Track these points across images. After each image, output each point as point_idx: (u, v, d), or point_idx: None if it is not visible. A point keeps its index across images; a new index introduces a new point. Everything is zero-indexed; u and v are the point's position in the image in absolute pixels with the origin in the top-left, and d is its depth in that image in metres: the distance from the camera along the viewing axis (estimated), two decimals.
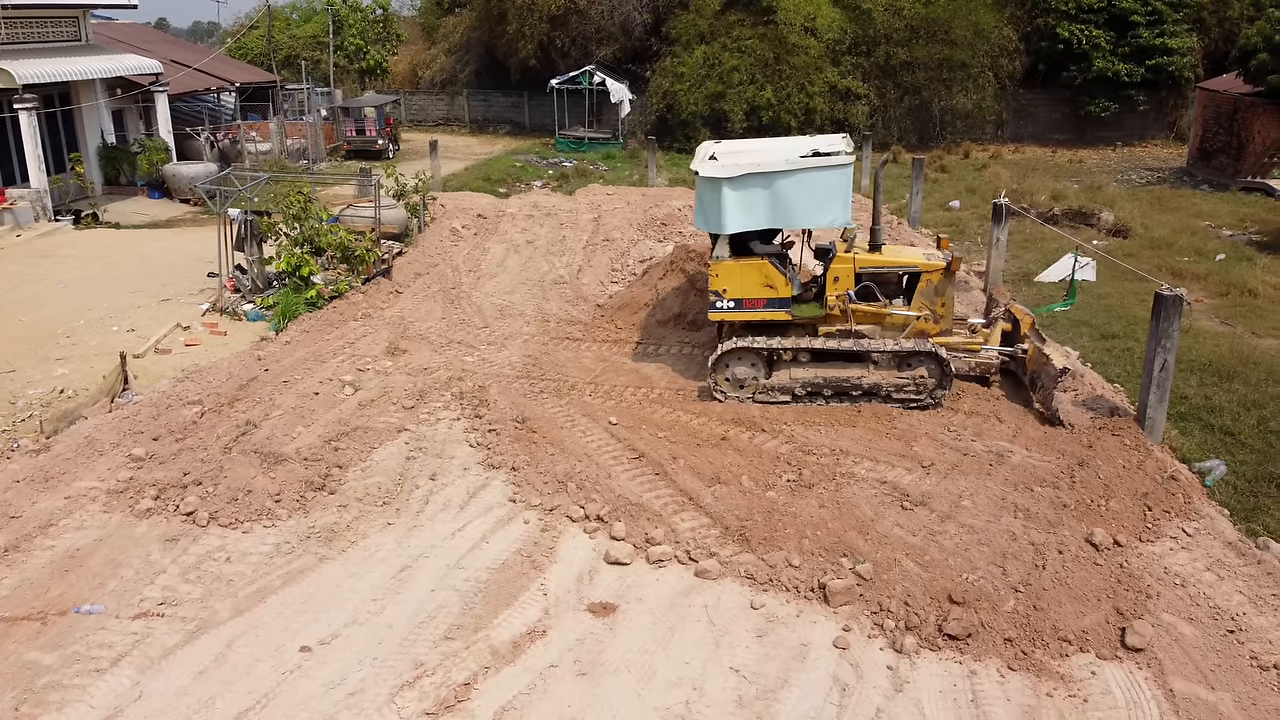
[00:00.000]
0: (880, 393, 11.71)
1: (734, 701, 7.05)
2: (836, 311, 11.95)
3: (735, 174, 11.45)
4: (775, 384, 11.84)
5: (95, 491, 10.07)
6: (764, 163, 11.46)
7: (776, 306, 11.91)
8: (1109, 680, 7.30)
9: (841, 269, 11.89)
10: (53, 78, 23.17)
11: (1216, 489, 10.16)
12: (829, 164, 11.32)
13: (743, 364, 11.92)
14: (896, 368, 11.71)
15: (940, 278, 11.99)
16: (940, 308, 12.04)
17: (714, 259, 11.98)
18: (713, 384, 12.02)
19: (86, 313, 15.75)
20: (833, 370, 11.78)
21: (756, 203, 11.53)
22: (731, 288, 11.91)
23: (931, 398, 11.70)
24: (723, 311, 12.09)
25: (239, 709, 7.05)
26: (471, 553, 8.92)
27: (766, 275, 11.82)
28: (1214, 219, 23.48)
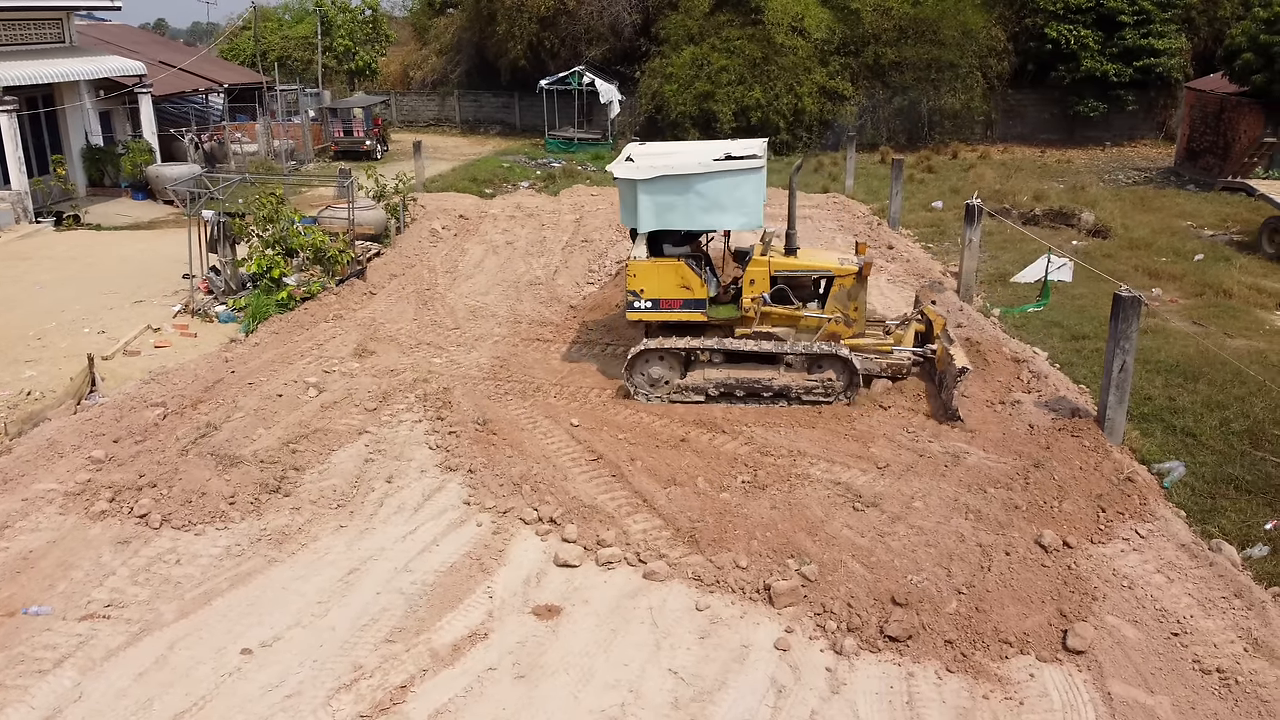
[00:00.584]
0: (790, 394, 11.86)
1: (669, 704, 7.06)
2: (752, 314, 12.11)
3: (649, 176, 11.59)
4: (689, 384, 12.01)
5: (53, 494, 10.07)
6: (678, 165, 11.65)
7: (692, 307, 12.09)
8: (1047, 683, 7.30)
9: (757, 272, 12.06)
10: (33, 80, 23.16)
11: (1174, 490, 10.16)
12: (742, 168, 11.52)
13: (659, 364, 12.08)
14: (806, 370, 11.89)
15: (853, 282, 12.17)
16: (853, 311, 12.25)
17: (632, 259, 12.18)
18: (629, 383, 12.13)
19: (59, 314, 15.76)
20: (745, 371, 11.94)
21: (671, 204, 11.71)
22: (649, 288, 12.08)
23: (842, 398, 11.87)
24: (640, 311, 12.26)
25: (176, 710, 7.05)
26: (421, 556, 8.92)
27: (683, 276, 11.99)
28: (1196, 219, 23.49)
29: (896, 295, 17.18)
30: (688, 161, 11.71)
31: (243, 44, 45.48)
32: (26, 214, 22.88)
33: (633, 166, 11.79)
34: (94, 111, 27.45)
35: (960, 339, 12.88)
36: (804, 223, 23.23)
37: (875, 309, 14.36)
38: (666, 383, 12.10)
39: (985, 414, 11.71)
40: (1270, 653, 7.56)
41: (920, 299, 14.02)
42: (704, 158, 11.76)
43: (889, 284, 17.94)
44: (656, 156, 12.14)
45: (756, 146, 12.03)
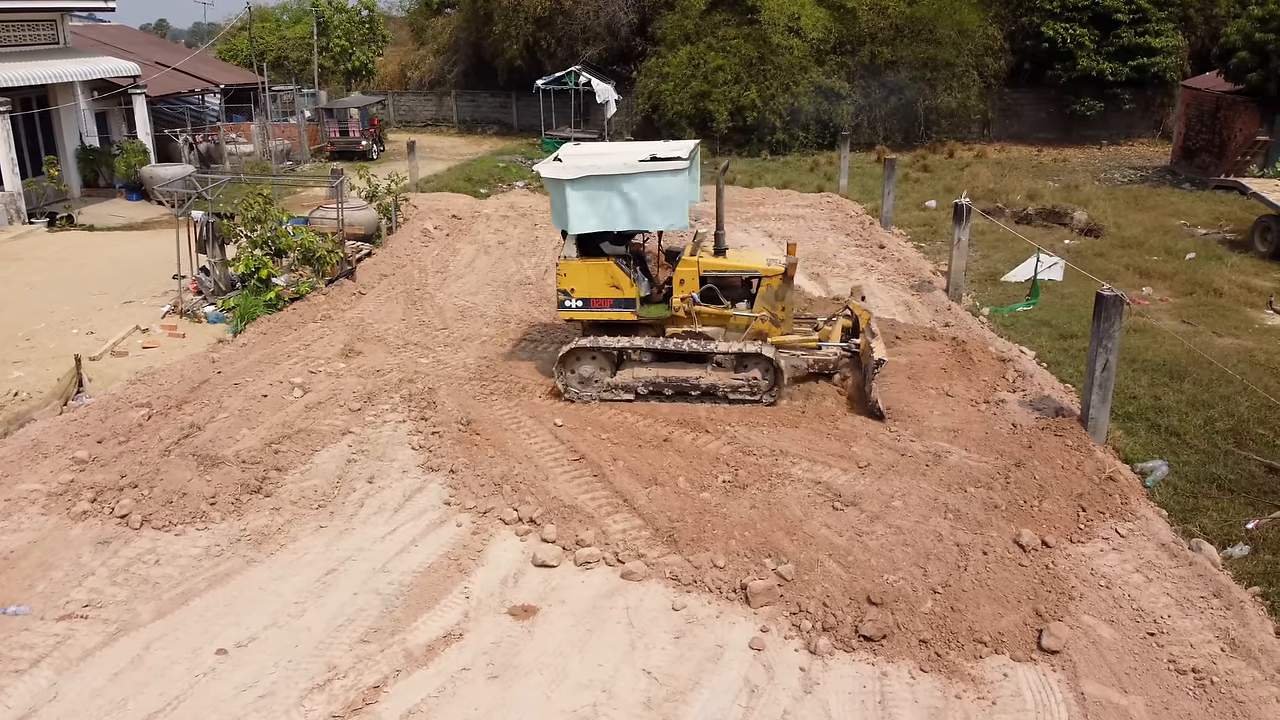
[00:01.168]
0: (717, 393, 11.92)
1: (641, 704, 7.06)
2: (682, 313, 12.19)
3: (576, 176, 11.66)
4: (619, 382, 12.09)
5: (36, 494, 10.09)
6: (604, 166, 11.72)
7: (622, 307, 12.20)
8: (1020, 683, 7.29)
9: (687, 272, 12.16)
10: (25, 81, 23.18)
11: (1157, 490, 10.15)
12: (666, 169, 11.58)
13: (590, 362, 12.17)
14: (733, 369, 11.96)
15: (780, 282, 12.25)
16: (780, 311, 12.33)
17: (562, 258, 12.29)
18: (560, 381, 12.23)
19: (49, 315, 15.78)
20: (673, 370, 12.02)
21: (598, 204, 11.77)
22: (579, 287, 12.20)
23: (767, 397, 11.93)
24: (571, 310, 12.36)
25: (149, 710, 7.06)
26: (399, 556, 8.93)
27: (613, 276, 12.09)
28: (1189, 218, 23.47)
29: (886, 295, 17.19)
30: (614, 162, 11.82)
31: (240, 44, 45.52)
32: (19, 215, 22.90)
33: (560, 167, 11.87)
34: (89, 112, 27.49)
35: (945, 336, 12.89)
36: (797, 222, 23.33)
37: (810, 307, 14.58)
38: (596, 381, 12.20)
39: (969, 413, 11.71)
40: (1247, 653, 7.54)
41: (854, 293, 14.22)
42: (631, 159, 11.85)
43: (879, 284, 17.96)
44: (585, 157, 12.24)
45: (683, 149, 12.13)
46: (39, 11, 25.68)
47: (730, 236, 18.28)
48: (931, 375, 12.76)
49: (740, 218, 23.67)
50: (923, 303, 16.69)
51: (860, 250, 20.54)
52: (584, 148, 13.30)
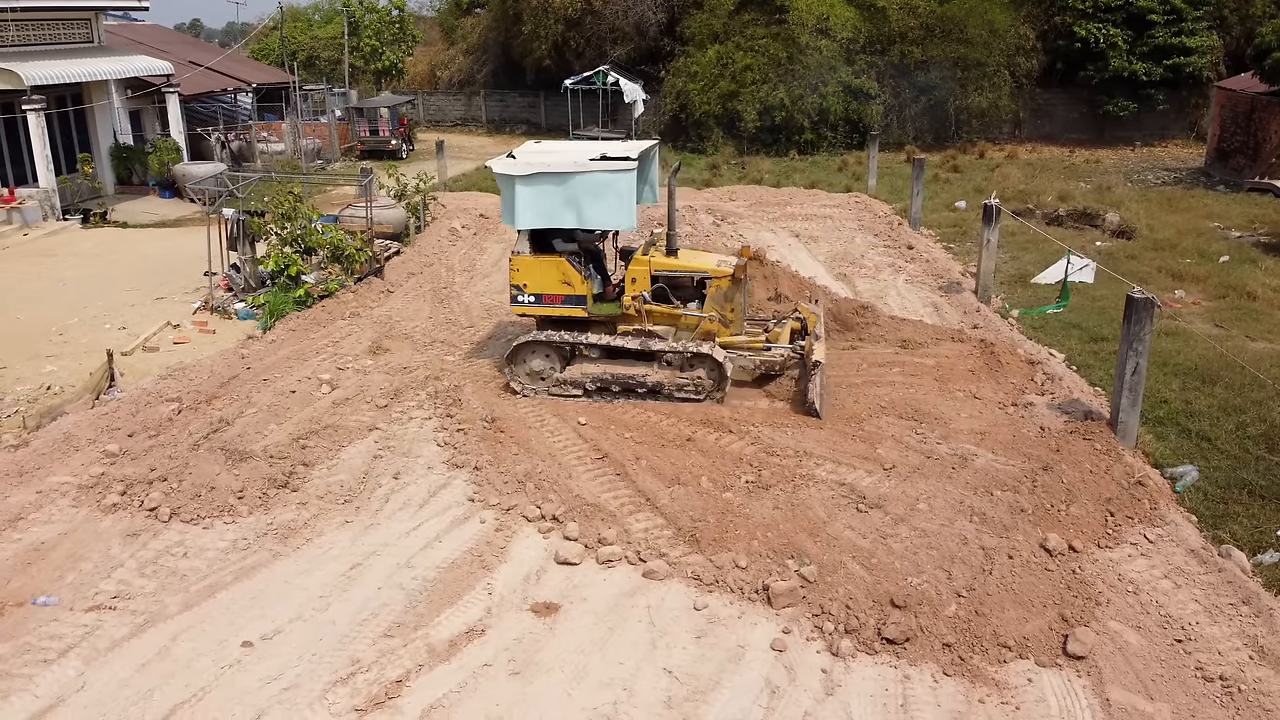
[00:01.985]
0: (663, 391, 12.00)
1: (662, 703, 7.05)
2: (633, 311, 12.31)
3: (526, 172, 11.77)
4: (567, 378, 12.20)
5: (67, 486, 10.22)
6: (554, 164, 11.79)
7: (573, 303, 12.36)
8: (1045, 688, 7.22)
9: (638, 271, 12.30)
10: (61, 79, 23.51)
11: (1186, 495, 10.02)
12: (613, 169, 11.63)
13: (540, 357, 12.34)
14: (680, 368, 12.01)
15: (729, 284, 12.36)
16: (730, 312, 12.45)
17: (515, 254, 12.46)
18: (510, 375, 12.44)
19: (82, 310, 16.00)
20: (621, 368, 12.13)
21: (547, 201, 11.86)
22: (531, 283, 12.36)
23: (711, 397, 11.98)
24: (523, 305, 12.56)
25: (175, 701, 7.13)
26: (423, 551, 8.98)
27: (564, 272, 12.23)
28: (1223, 220, 23.16)
29: (915, 296, 17.10)
30: (563, 160, 11.90)
31: (271, 44, 45.94)
32: (54, 211, 23.23)
33: (511, 163, 11.95)
34: (123, 110, 27.85)
35: (973, 338, 12.80)
36: (824, 222, 23.25)
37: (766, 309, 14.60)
38: (546, 376, 12.37)
39: (996, 416, 11.62)
40: (1276, 661, 7.44)
41: (810, 294, 14.37)
42: (582, 158, 11.94)
43: (907, 285, 17.86)
44: (537, 155, 12.34)
45: (635, 150, 12.19)
46: (73, 10, 26.04)
47: (756, 237, 18.25)
48: (959, 377, 12.67)
49: (767, 217, 23.62)
50: (951, 304, 16.58)
51: (888, 251, 20.43)
52: (542, 145, 13.42)
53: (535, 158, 12.05)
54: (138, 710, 7.06)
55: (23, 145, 23.74)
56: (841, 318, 14.60)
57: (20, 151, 23.92)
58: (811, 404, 11.45)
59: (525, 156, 12.17)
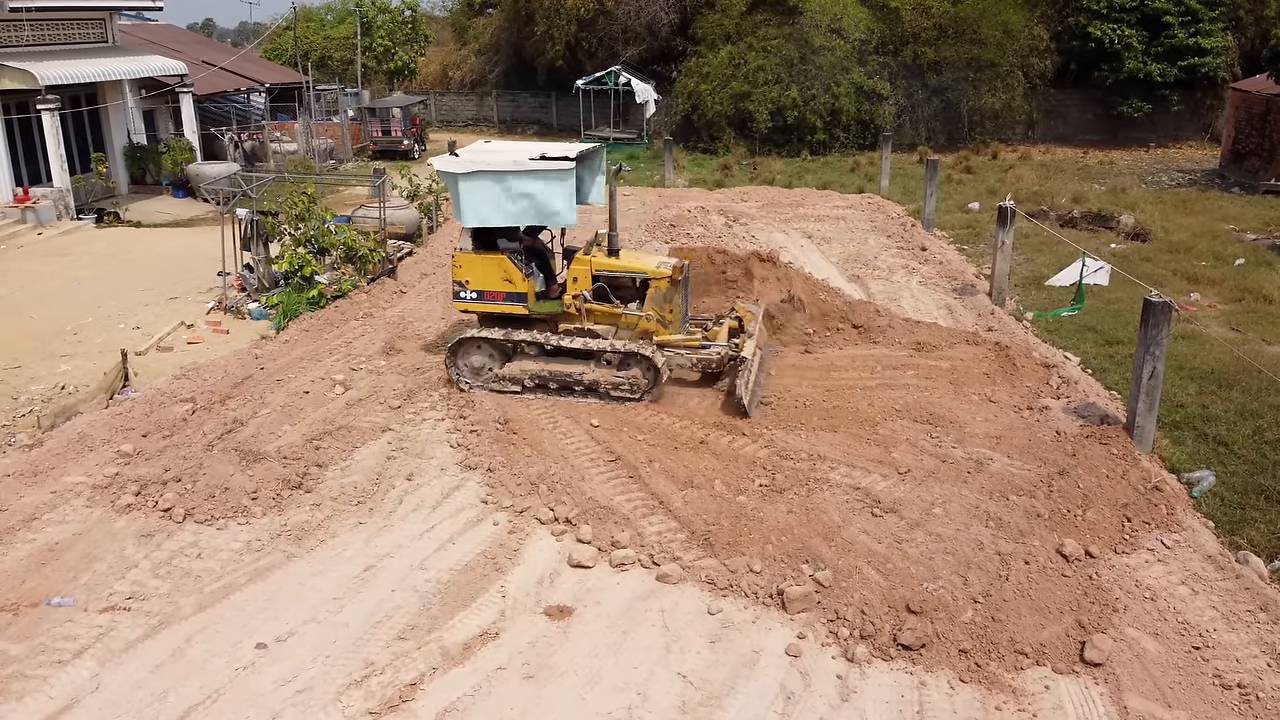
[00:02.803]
0: (599, 389, 12.11)
1: (676, 707, 7.03)
2: (573, 310, 12.44)
3: (467, 170, 11.93)
4: (506, 374, 12.34)
5: (81, 486, 10.25)
6: (494, 162, 11.94)
7: (514, 301, 12.51)
8: (1062, 695, 7.17)
9: (580, 270, 12.44)
10: (75, 79, 23.61)
11: (1204, 500, 9.96)
12: (552, 168, 11.79)
13: (481, 353, 12.47)
14: (616, 367, 12.13)
15: (668, 285, 12.50)
16: (669, 313, 12.59)
17: (458, 250, 12.63)
18: (452, 371, 12.55)
19: (96, 310, 16.05)
20: (559, 365, 12.27)
21: (489, 199, 12.03)
22: (473, 279, 12.51)
23: (646, 396, 12.11)
24: (465, 302, 12.71)
25: (189, 703, 7.14)
26: (437, 553, 8.97)
27: (505, 270, 12.38)
28: (1239, 222, 23.02)
29: (928, 299, 17.03)
30: (503, 159, 12.03)
31: (284, 44, 46.04)
32: (68, 211, 23.31)
33: (454, 161, 12.10)
34: (137, 110, 27.95)
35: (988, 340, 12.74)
36: (837, 223, 23.18)
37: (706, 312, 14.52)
38: (486, 372, 12.50)
39: (1012, 420, 11.56)
40: None
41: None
42: (520, 156, 12.12)
43: (920, 287, 17.79)
44: (480, 154, 12.50)
45: (574, 150, 12.35)
46: (88, 10, 26.14)
47: (769, 238, 18.23)
48: (974, 380, 12.61)
49: (779, 218, 23.57)
50: (965, 306, 16.51)
51: (901, 252, 20.36)
52: (490, 145, 13.58)
53: (478, 156, 12.24)
54: (152, 712, 7.07)
55: (37, 145, 23.84)
56: (854, 319, 14.54)
57: (35, 151, 24.01)
58: (740, 400, 11.55)
59: (469, 155, 12.39)
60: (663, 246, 19.10)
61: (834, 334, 14.24)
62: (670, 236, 20.08)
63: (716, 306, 14.69)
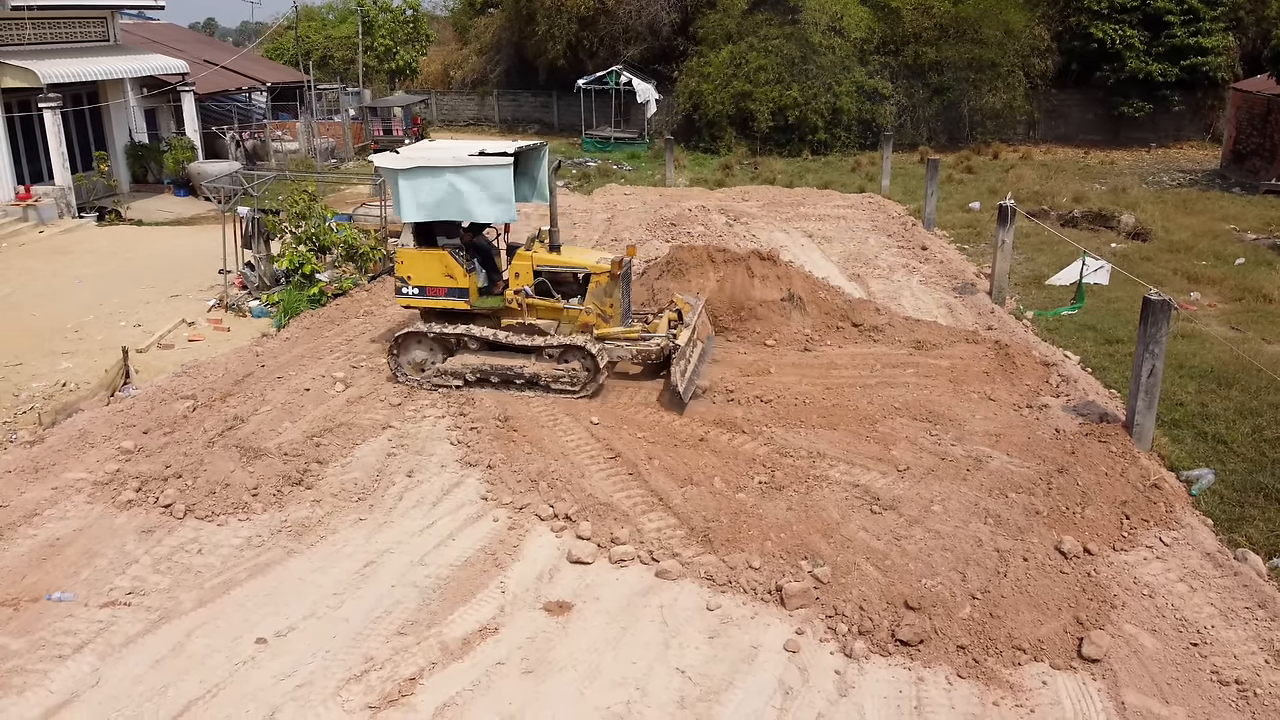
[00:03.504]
0: (540, 382, 12.25)
1: (675, 702, 7.05)
2: (515, 305, 12.56)
3: (407, 166, 12.02)
4: (448, 369, 12.41)
5: (82, 483, 10.27)
6: (434, 158, 12.06)
7: (456, 296, 12.59)
8: (1060, 691, 7.19)
9: (521, 266, 12.59)
10: (77, 77, 23.65)
11: (1202, 498, 9.97)
12: (490, 164, 11.89)
13: (423, 348, 12.57)
14: (556, 360, 12.29)
15: (608, 280, 12.61)
16: (609, 308, 12.70)
17: (400, 246, 12.74)
18: (392, 365, 12.64)
19: (97, 308, 16.09)
20: (500, 359, 12.36)
21: (429, 195, 12.12)
22: (415, 275, 12.60)
23: (586, 389, 12.24)
24: (407, 297, 12.77)
25: (189, 698, 7.16)
26: (436, 549, 8.99)
27: (447, 266, 12.47)
28: (1239, 222, 23.03)
29: (929, 297, 17.04)
30: (443, 155, 12.13)
31: (286, 43, 46.09)
32: (70, 209, 23.36)
33: (394, 158, 12.23)
34: (138, 109, 27.98)
35: (988, 339, 12.75)
36: (838, 222, 23.19)
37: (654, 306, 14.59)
38: (428, 366, 12.57)
39: (1011, 418, 11.57)
40: None
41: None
42: (459, 153, 12.21)
43: (921, 286, 17.80)
44: (420, 150, 12.66)
45: (512, 147, 12.43)
46: (90, 9, 26.18)
47: (770, 237, 18.23)
48: (974, 379, 12.62)
49: (780, 218, 23.58)
50: (965, 305, 16.53)
51: (902, 251, 20.37)
52: (434, 144, 13.76)
53: (419, 153, 12.35)
54: (152, 706, 7.09)
55: (39, 143, 23.89)
56: (854, 318, 14.55)
57: (36, 149, 24.06)
58: (675, 388, 11.67)
59: (409, 153, 12.50)
60: (663, 245, 19.11)
61: (834, 332, 14.25)
62: (671, 235, 20.10)
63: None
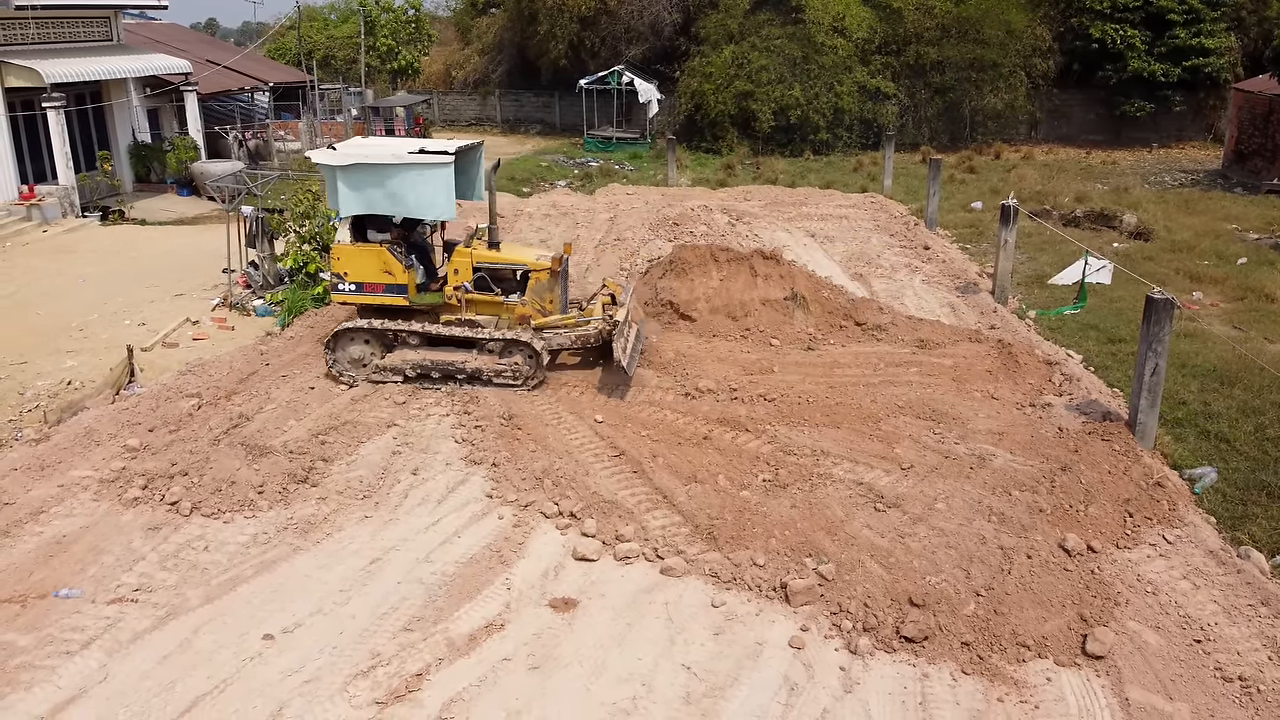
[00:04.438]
0: (482, 377, 12.39)
1: (681, 698, 7.08)
2: (455, 301, 12.65)
3: (345, 163, 12.05)
4: (388, 365, 12.48)
5: (88, 480, 10.30)
6: (373, 155, 12.14)
7: (394, 292, 12.60)
8: (1064, 687, 7.23)
9: (461, 262, 12.68)
10: (81, 77, 23.68)
11: (1205, 496, 10.00)
12: (430, 162, 11.98)
13: (361, 344, 12.58)
14: (498, 354, 12.44)
15: (547, 276, 12.89)
16: (548, 303, 12.99)
17: (336, 242, 12.70)
18: (330, 362, 12.60)
19: (101, 306, 16.12)
20: (441, 354, 12.48)
21: (367, 191, 12.14)
22: (352, 271, 12.56)
23: (529, 382, 12.44)
24: (344, 294, 12.74)
25: (197, 693, 7.19)
26: (442, 547, 9.02)
27: (385, 262, 12.47)
28: (1241, 222, 23.04)
29: (931, 297, 17.07)
30: (382, 152, 12.22)
31: (288, 43, 46.14)
32: (73, 208, 23.39)
33: (333, 154, 12.27)
34: (141, 109, 28.02)
35: (990, 338, 12.78)
36: (840, 222, 23.20)
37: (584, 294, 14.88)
38: (366, 363, 12.59)
39: (1014, 416, 11.60)
40: None
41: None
42: (399, 150, 12.27)
43: (923, 285, 17.83)
44: (359, 147, 12.69)
45: (453, 146, 12.51)
46: (93, 9, 26.21)
47: (772, 236, 18.26)
48: (976, 378, 12.65)
49: (782, 217, 23.60)
50: (968, 305, 16.55)
51: (904, 251, 20.39)
52: (367, 140, 13.80)
53: (356, 150, 12.40)
54: (159, 701, 7.13)
55: (43, 142, 23.92)
56: (857, 317, 14.58)
57: (40, 149, 24.10)
58: (619, 362, 11.93)
59: (347, 149, 12.52)
60: (666, 245, 19.14)
61: (837, 331, 14.28)
62: (674, 235, 20.12)
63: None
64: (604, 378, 12.52)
